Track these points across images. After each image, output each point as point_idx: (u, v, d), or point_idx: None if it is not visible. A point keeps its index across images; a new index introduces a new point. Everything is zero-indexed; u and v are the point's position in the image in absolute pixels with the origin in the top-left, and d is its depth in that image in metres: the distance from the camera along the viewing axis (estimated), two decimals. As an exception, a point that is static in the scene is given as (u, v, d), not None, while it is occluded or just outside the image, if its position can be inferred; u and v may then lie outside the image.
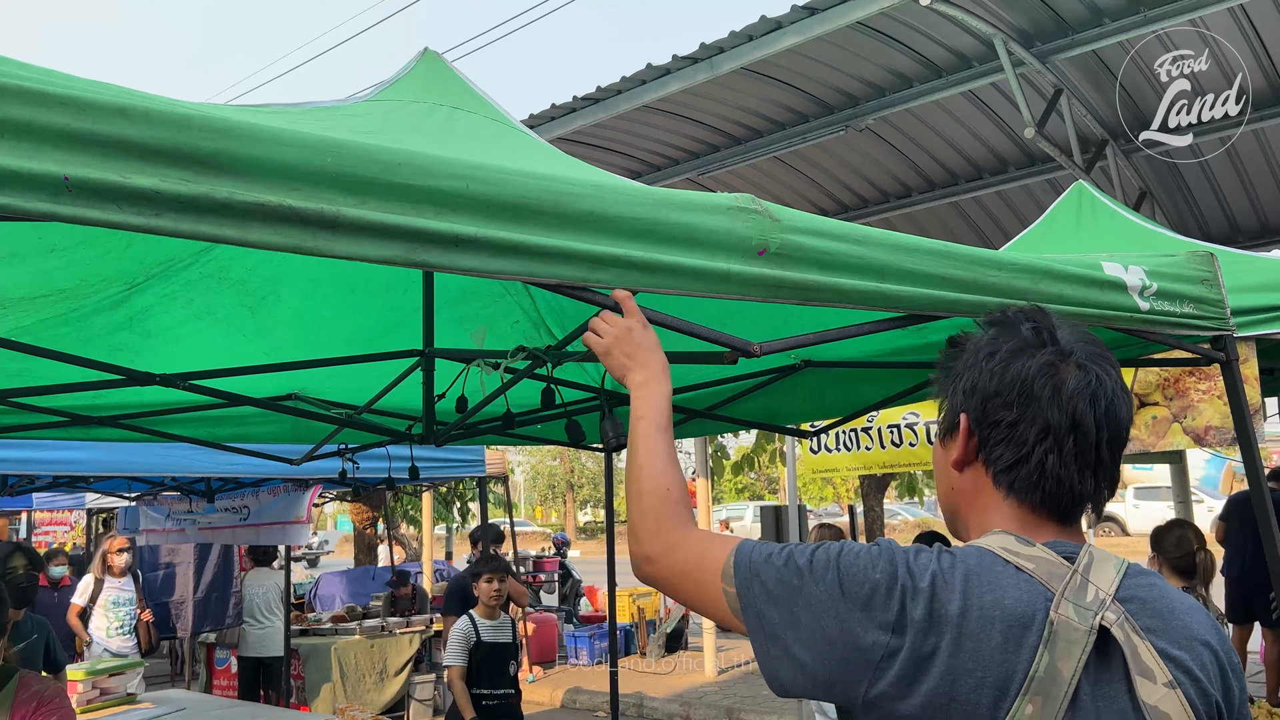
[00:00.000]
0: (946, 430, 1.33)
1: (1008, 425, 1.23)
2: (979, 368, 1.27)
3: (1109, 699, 1.11)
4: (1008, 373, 1.24)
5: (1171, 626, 1.17)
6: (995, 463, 1.25)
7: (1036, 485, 1.23)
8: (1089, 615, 1.12)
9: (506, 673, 5.25)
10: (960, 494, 1.31)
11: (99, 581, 7.86)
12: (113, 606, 7.82)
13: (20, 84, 1.15)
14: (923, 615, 1.12)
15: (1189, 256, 2.59)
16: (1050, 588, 1.14)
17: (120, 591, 7.89)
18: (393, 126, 2.38)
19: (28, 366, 2.97)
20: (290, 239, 1.31)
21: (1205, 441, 3.97)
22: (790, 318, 2.95)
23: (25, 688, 2.71)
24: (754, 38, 6.45)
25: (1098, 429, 1.23)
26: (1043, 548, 1.19)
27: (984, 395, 1.25)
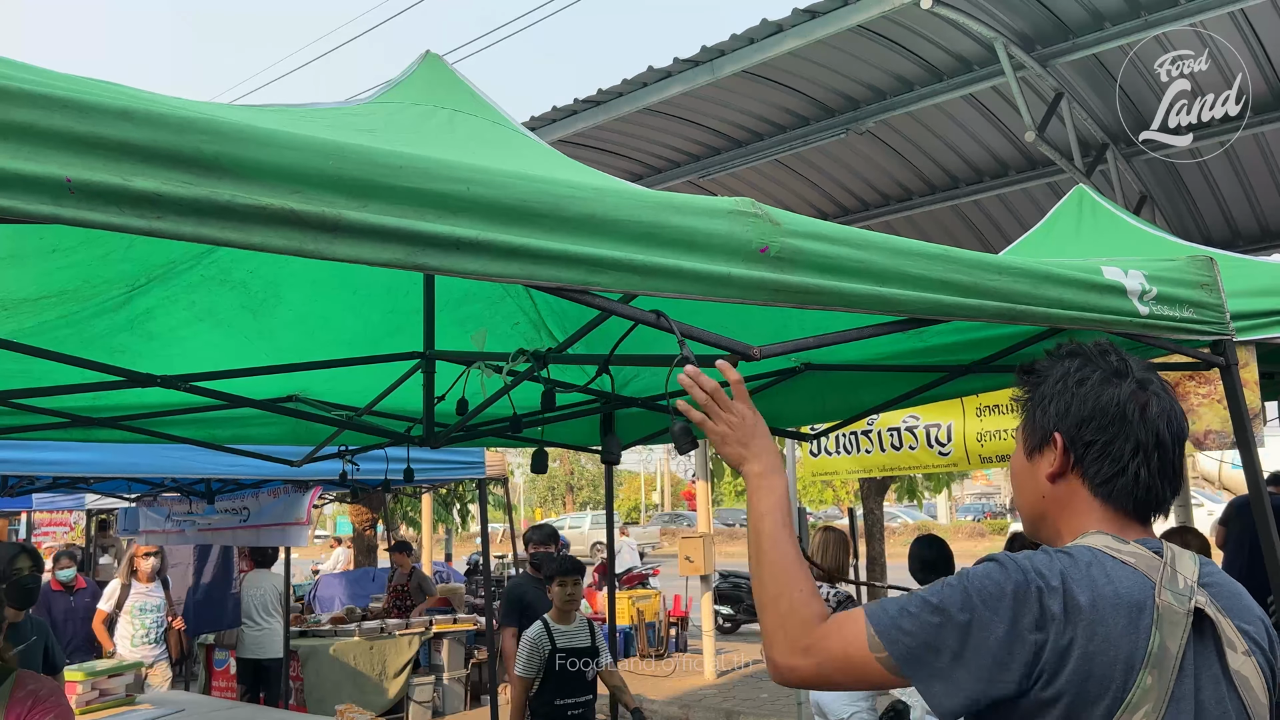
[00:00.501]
0: (1036, 446, 1.52)
1: (1103, 444, 1.44)
2: (1071, 393, 1.47)
3: (1205, 666, 1.33)
4: (1100, 399, 1.45)
5: (1240, 606, 1.42)
6: (1093, 476, 1.45)
7: (1131, 494, 1.44)
8: (1185, 599, 1.34)
9: (585, 679, 4.94)
10: (1052, 501, 1.50)
11: (125, 587, 7.70)
12: (139, 613, 7.66)
13: (22, 86, 1.15)
14: (1059, 609, 1.29)
15: (1189, 261, 2.59)
16: (1150, 577, 1.35)
17: (147, 598, 7.73)
18: (394, 129, 2.39)
19: (28, 368, 2.97)
20: (292, 242, 1.32)
21: (1205, 445, 3.97)
22: (790, 321, 2.96)
23: (21, 686, 2.72)
24: (755, 41, 6.46)
25: (1174, 444, 1.47)
26: (1136, 544, 1.39)
27: (1079, 419, 1.46)
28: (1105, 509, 1.45)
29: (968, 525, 36.10)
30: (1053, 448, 1.48)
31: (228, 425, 4.15)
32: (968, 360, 3.24)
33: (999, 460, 5.02)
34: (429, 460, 6.45)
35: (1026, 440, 1.55)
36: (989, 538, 33.40)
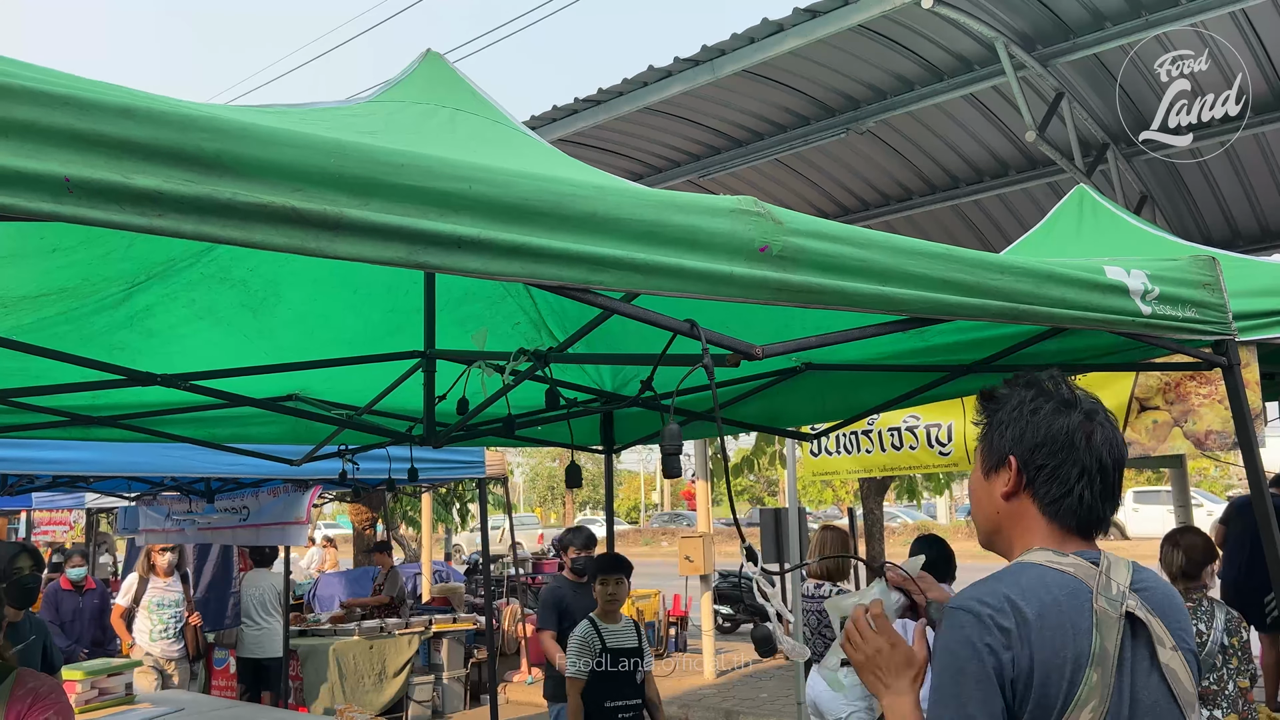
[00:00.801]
0: (993, 467, 1.68)
1: (1053, 468, 1.60)
2: (1026, 421, 1.63)
3: (1139, 661, 1.52)
4: (1052, 428, 1.61)
5: (1170, 607, 1.60)
6: (1043, 496, 1.61)
7: (1075, 513, 1.60)
8: (1118, 604, 1.51)
9: (634, 680, 4.77)
10: (1005, 517, 1.67)
11: (143, 581, 7.70)
12: (156, 608, 7.65)
13: (23, 84, 1.15)
14: (1012, 624, 1.45)
15: (1191, 261, 2.59)
16: (1089, 585, 1.52)
17: (165, 593, 7.72)
18: (395, 128, 2.38)
19: (28, 366, 2.97)
20: (293, 240, 1.31)
21: (1206, 446, 3.97)
22: (791, 320, 2.95)
23: (21, 684, 2.72)
24: (755, 40, 6.46)
25: (1115, 470, 1.63)
26: (1075, 556, 1.56)
27: (1032, 444, 1.62)
28: (1051, 526, 1.61)
29: (967, 525, 36.11)
30: (1008, 469, 1.64)
31: (227, 424, 4.14)
32: (969, 360, 3.24)
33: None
34: (429, 459, 6.45)
35: (984, 461, 1.71)
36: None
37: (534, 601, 14.91)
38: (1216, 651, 3.87)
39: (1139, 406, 4.22)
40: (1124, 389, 4.29)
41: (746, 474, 14.80)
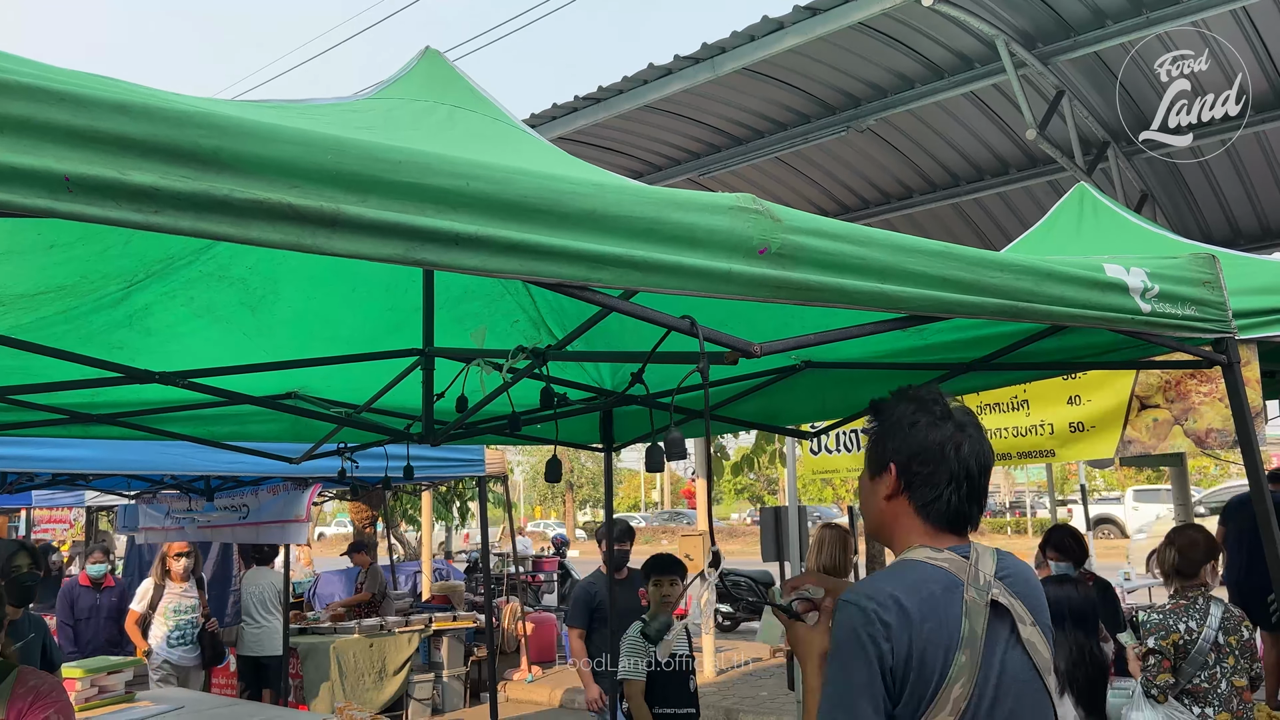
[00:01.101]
0: (877, 472, 1.92)
1: (926, 475, 1.84)
2: (905, 433, 1.87)
3: (1004, 638, 1.76)
4: (928, 439, 1.85)
5: (1030, 590, 1.85)
6: (918, 499, 1.85)
7: (945, 515, 1.84)
8: (984, 593, 1.75)
9: (687, 687, 4.54)
10: (888, 515, 1.91)
11: (159, 587, 7.49)
12: (172, 614, 7.44)
13: (20, 80, 1.14)
14: (894, 618, 1.67)
15: (1191, 259, 2.59)
16: (960, 577, 1.75)
17: (181, 598, 7.51)
18: (393, 124, 2.38)
19: (27, 364, 2.97)
20: (290, 237, 1.31)
21: (1206, 444, 3.97)
22: (791, 318, 2.95)
23: (23, 682, 2.72)
24: (756, 38, 6.45)
25: (981, 475, 1.86)
26: (949, 551, 1.80)
27: (909, 454, 1.85)
28: (926, 525, 1.85)
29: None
30: (889, 474, 1.88)
31: (227, 422, 4.14)
32: (968, 358, 3.23)
33: (999, 459, 5.01)
34: (429, 458, 6.45)
35: (870, 465, 1.95)
36: (986, 535, 33.43)
37: (534, 599, 14.95)
38: (1208, 649, 3.85)
39: (1139, 404, 4.22)
40: (1124, 387, 4.29)
41: (747, 472, 14.79)
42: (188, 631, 7.46)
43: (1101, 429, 4.41)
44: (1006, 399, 4.84)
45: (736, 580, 14.34)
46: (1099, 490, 33.44)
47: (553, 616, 12.87)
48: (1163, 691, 3.85)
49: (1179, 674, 3.89)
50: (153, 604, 7.40)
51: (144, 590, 7.49)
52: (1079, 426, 4.51)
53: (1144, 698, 3.91)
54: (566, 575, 15.65)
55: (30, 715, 2.69)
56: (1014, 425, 4.81)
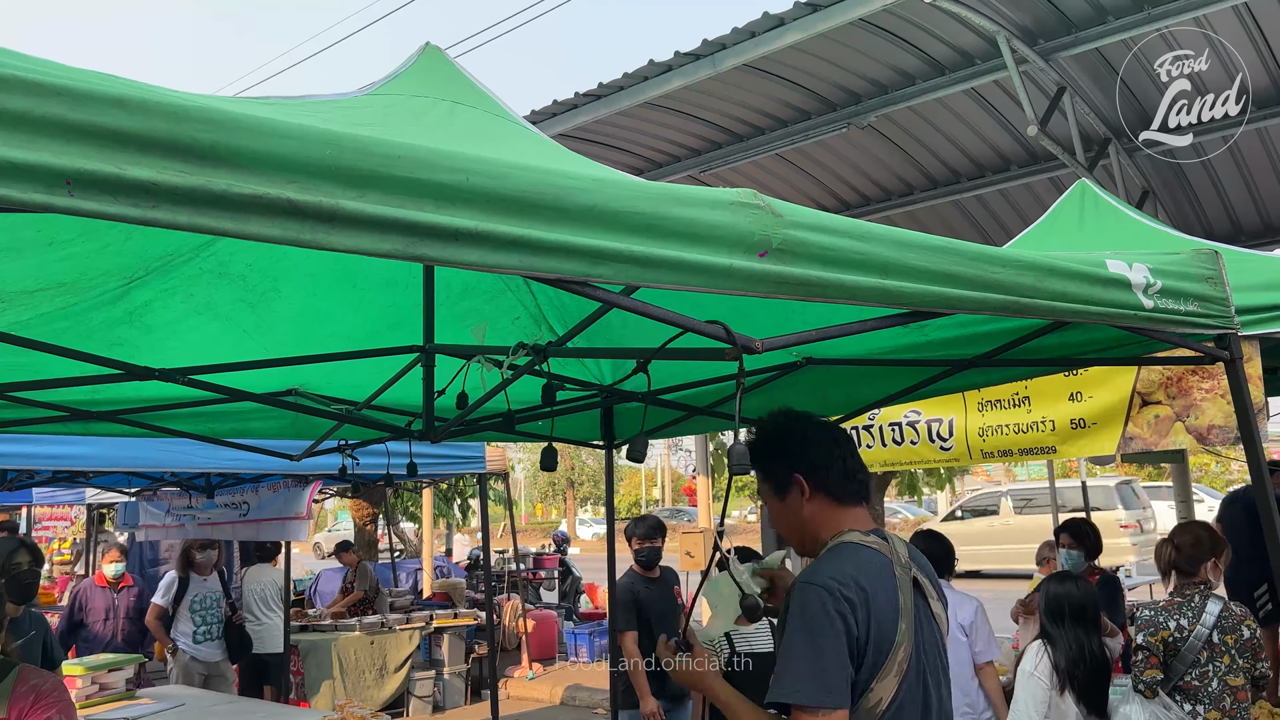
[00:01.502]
0: (784, 492, 2.20)
1: (825, 463, 2.16)
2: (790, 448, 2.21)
3: (922, 610, 2.10)
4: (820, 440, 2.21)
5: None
6: (830, 487, 2.16)
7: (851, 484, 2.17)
8: (906, 570, 2.09)
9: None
10: (809, 520, 2.18)
11: (182, 580, 7.27)
12: (199, 607, 7.23)
13: (17, 74, 1.14)
14: (856, 595, 1.94)
15: (1193, 254, 2.58)
16: (888, 556, 2.07)
17: (207, 591, 7.33)
18: (393, 120, 2.37)
19: (27, 361, 2.96)
20: (288, 232, 1.30)
21: (1208, 440, 3.96)
22: (792, 314, 2.94)
23: (23, 681, 2.71)
24: (756, 34, 6.43)
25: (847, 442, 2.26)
26: (873, 535, 2.12)
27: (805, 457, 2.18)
28: (843, 508, 2.16)
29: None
30: (798, 486, 2.16)
31: (227, 419, 4.14)
32: (970, 354, 3.23)
33: (1000, 455, 5.00)
34: (429, 455, 6.44)
35: (775, 494, 2.23)
36: (989, 533, 33.40)
37: (535, 597, 14.94)
38: (1199, 647, 3.84)
39: (1141, 401, 4.21)
40: (1126, 383, 4.28)
41: (748, 469, 14.76)
42: (214, 626, 7.28)
43: (1103, 425, 4.40)
44: (1008, 395, 4.82)
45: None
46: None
47: (554, 614, 12.87)
48: (1150, 687, 3.84)
49: (1169, 671, 3.88)
50: (176, 598, 7.20)
51: (167, 583, 7.28)
52: (1080, 423, 4.50)
53: (1133, 693, 3.91)
54: (568, 572, 15.64)
55: (32, 715, 2.68)
56: (1015, 422, 4.80)
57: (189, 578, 7.27)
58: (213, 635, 7.26)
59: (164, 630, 7.16)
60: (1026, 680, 4.04)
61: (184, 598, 7.19)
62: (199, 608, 7.23)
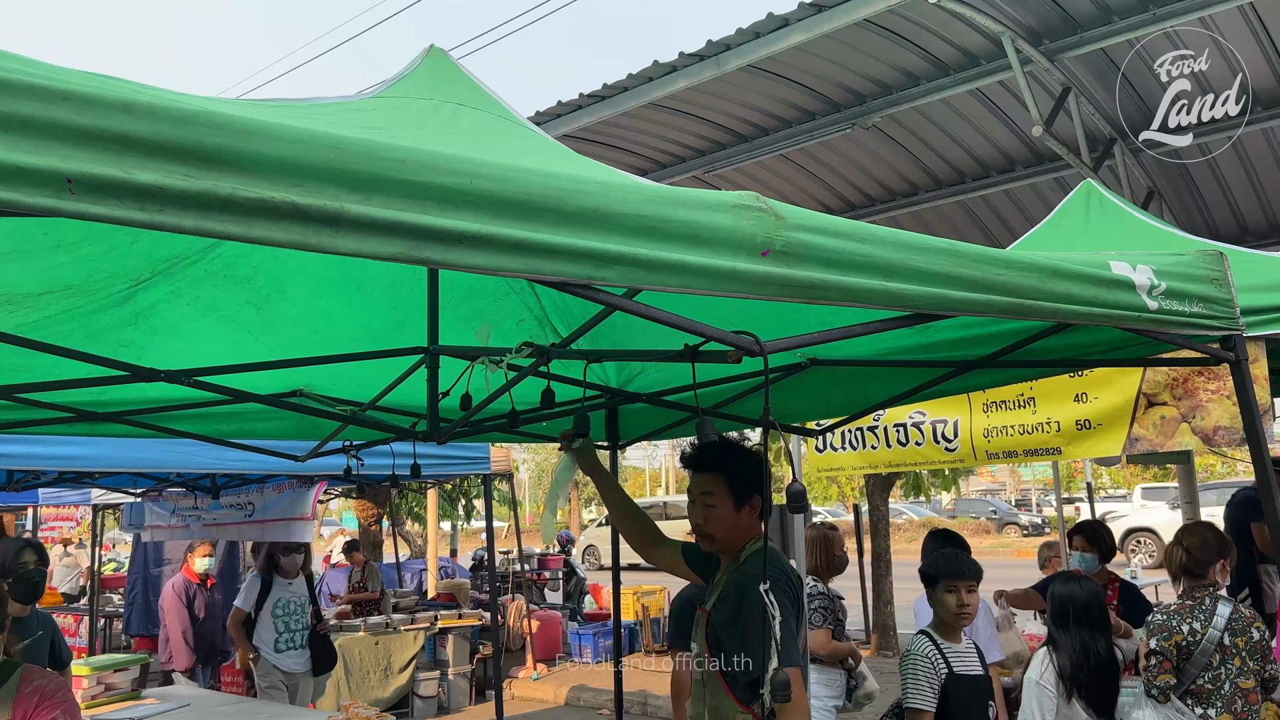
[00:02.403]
0: (745, 504, 2.81)
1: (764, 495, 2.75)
2: (757, 470, 2.83)
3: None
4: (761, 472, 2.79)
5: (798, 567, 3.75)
6: (760, 510, 2.83)
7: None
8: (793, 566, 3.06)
9: (988, 716, 3.66)
10: (745, 529, 2.83)
11: (265, 582, 6.62)
12: (282, 612, 6.59)
13: (23, 79, 1.14)
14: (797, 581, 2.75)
15: (1198, 255, 2.57)
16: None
17: (291, 595, 6.67)
18: (398, 123, 2.38)
19: (33, 362, 2.97)
20: (294, 235, 1.31)
21: (1214, 442, 3.95)
22: (795, 316, 2.94)
23: (28, 682, 2.72)
24: (761, 35, 6.44)
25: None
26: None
27: (758, 485, 2.80)
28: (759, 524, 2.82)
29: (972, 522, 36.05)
30: (752, 503, 2.81)
31: (232, 420, 4.15)
32: (974, 356, 3.22)
33: (1005, 456, 5.00)
34: (434, 456, 6.45)
35: (734, 502, 2.80)
36: (993, 534, 33.34)
37: (539, 597, 14.95)
38: (1212, 650, 3.82)
39: (1146, 402, 4.20)
40: (1131, 385, 4.28)
41: (752, 470, 14.77)
42: (297, 634, 6.62)
43: (1108, 427, 4.40)
44: (1013, 396, 4.82)
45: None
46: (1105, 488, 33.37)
47: (558, 614, 12.88)
48: (1163, 692, 3.83)
49: (1182, 675, 3.86)
50: (258, 602, 6.53)
51: (249, 587, 6.65)
52: (1086, 424, 4.49)
53: (1145, 697, 3.89)
54: (572, 573, 15.65)
55: (36, 716, 2.69)
56: (1020, 423, 4.79)
57: (272, 580, 6.62)
58: (296, 644, 6.60)
59: (246, 636, 6.50)
60: (1033, 688, 4.02)
61: (266, 602, 6.53)
62: (282, 613, 6.57)
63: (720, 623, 2.70)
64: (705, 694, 2.75)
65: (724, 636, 2.68)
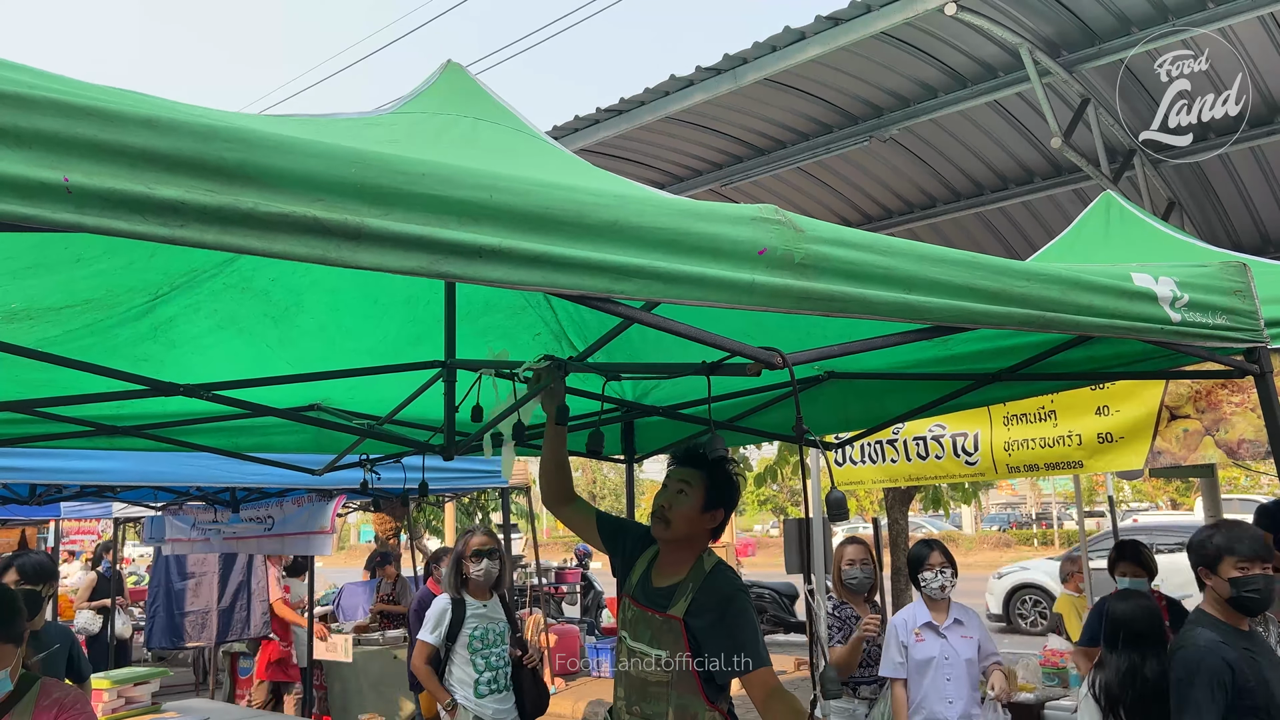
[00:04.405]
0: (712, 508, 2.92)
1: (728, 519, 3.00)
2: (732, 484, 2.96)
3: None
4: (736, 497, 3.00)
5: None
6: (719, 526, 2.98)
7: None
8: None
9: None
10: (697, 533, 2.94)
11: (457, 606, 5.07)
12: (480, 645, 5.04)
13: (47, 95, 1.15)
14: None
15: (1221, 267, 2.55)
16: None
17: (488, 620, 5.10)
18: (416, 138, 2.39)
19: (54, 377, 2.99)
20: (314, 250, 1.31)
21: (1238, 455, 3.91)
22: (814, 328, 2.93)
23: (46, 695, 2.73)
24: (778, 48, 6.44)
25: None
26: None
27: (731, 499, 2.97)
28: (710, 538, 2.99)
29: (993, 535, 35.77)
30: (719, 513, 2.94)
31: (250, 434, 4.16)
32: (994, 368, 3.20)
33: (1026, 470, 4.96)
34: (451, 469, 6.45)
35: (705, 505, 2.90)
36: (1015, 547, 33.05)
37: (557, 611, 14.93)
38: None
39: (1169, 415, 4.16)
40: (1154, 397, 4.24)
41: (770, 484, 14.73)
42: (500, 671, 5.06)
43: (1130, 440, 4.36)
44: (1034, 409, 4.79)
45: (760, 593, 14.27)
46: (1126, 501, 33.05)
47: (575, 628, 12.85)
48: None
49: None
50: (452, 633, 5.03)
51: (438, 615, 5.07)
52: (1107, 437, 4.45)
53: None
54: (590, 587, 15.61)
55: None
56: (1041, 436, 4.76)
57: (464, 601, 5.08)
58: (500, 685, 5.03)
59: (437, 678, 5.01)
60: (1085, 701, 3.98)
61: (460, 633, 5.02)
62: (480, 645, 5.04)
63: (701, 628, 2.79)
64: (670, 694, 2.81)
65: (704, 640, 2.78)
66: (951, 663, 4.42)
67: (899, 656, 4.49)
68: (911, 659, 4.48)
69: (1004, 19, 5.91)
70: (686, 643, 2.82)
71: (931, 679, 4.43)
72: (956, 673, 4.41)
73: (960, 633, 4.49)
